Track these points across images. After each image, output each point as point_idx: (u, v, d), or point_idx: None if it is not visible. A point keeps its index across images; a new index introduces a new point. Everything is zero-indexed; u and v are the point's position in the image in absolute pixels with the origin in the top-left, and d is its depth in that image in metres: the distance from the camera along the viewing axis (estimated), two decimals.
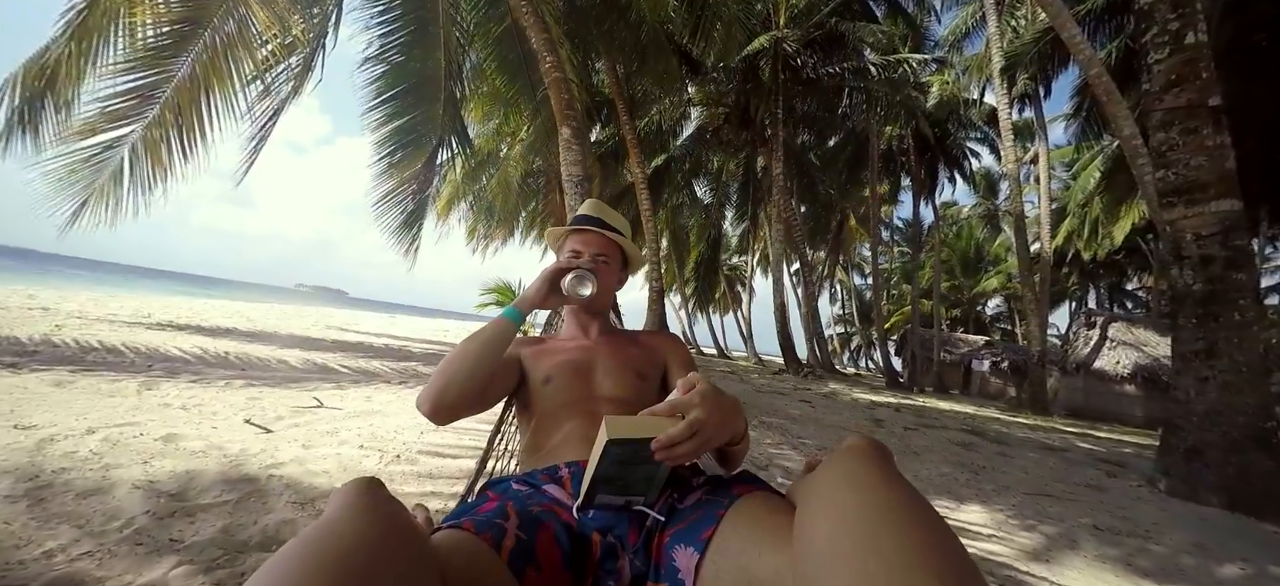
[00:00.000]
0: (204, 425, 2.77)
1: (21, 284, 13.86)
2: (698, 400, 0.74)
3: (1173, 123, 4.30)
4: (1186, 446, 3.92)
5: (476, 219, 20.20)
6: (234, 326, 7.93)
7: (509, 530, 0.72)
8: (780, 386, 9.46)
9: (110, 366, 4.01)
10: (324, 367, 5.17)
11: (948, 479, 3.60)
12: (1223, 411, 3.78)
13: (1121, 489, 3.97)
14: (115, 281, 32.25)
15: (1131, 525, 3.03)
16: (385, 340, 9.72)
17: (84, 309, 7.84)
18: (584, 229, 1.25)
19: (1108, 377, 13.62)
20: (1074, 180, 20.41)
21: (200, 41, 6.20)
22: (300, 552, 0.49)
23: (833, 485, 0.57)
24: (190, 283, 73.21)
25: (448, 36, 7.78)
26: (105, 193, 5.95)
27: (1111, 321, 14.86)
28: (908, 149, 19.50)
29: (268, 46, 6.73)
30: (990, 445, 5.23)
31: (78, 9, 5.67)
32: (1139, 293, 26.88)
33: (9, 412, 2.65)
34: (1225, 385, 3.81)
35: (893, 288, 35.68)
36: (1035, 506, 3.19)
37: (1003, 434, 6.29)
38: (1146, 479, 4.27)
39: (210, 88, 6.29)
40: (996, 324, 34.82)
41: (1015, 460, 4.65)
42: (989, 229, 31.70)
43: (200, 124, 6.33)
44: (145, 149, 6.09)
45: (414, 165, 8.34)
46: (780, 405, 6.28)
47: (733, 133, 17.84)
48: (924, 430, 5.72)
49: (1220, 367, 3.85)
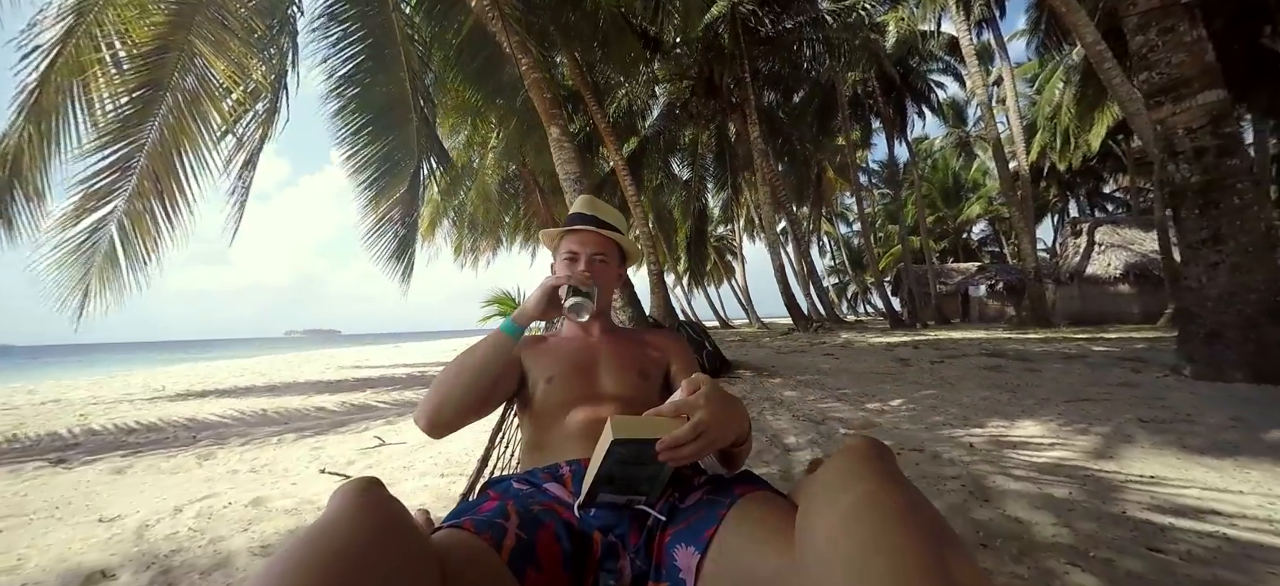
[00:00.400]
0: (283, 483, 2.81)
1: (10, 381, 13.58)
2: (702, 401, 0.75)
3: (1150, 24, 4.43)
4: (1205, 331, 4.11)
5: (461, 234, 20.11)
6: (251, 383, 7.89)
7: (509, 529, 0.72)
8: (797, 345, 9.62)
9: (156, 444, 4.00)
10: (362, 406, 5.20)
11: (990, 401, 3.74)
12: (1235, 292, 3.96)
13: (1150, 382, 4.16)
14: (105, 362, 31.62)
15: (1172, 412, 3.19)
16: (403, 370, 9.72)
17: (95, 394, 7.75)
18: (579, 229, 1.21)
19: (1101, 281, 14.00)
20: (1039, 95, 20.74)
21: (163, 103, 6.09)
22: (300, 552, 0.49)
23: (834, 485, 0.57)
24: (182, 349, 71.91)
25: (407, 53, 7.64)
26: (104, 275, 5.87)
27: (1097, 226, 15.25)
28: (873, 91, 19.67)
29: (231, 97, 6.62)
30: (1015, 363, 5.42)
31: (29, 89, 5.53)
32: (1117, 194, 27.46)
33: (86, 508, 2.65)
34: (1234, 267, 3.99)
35: (879, 230, 36.11)
36: (1080, 411, 3.34)
37: (1021, 351, 6.50)
38: (1171, 368, 4.47)
39: (182, 148, 6.17)
40: (984, 248, 35.43)
41: (1043, 373, 4.83)
42: (964, 156, 32.14)
43: (180, 187, 6.24)
44: (132, 223, 6.00)
45: (397, 190, 8.25)
46: (807, 362, 6.42)
47: (701, 104, 17.87)
48: (949, 361, 5.90)
49: (1227, 251, 4.03)
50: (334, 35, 7.37)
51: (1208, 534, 1.62)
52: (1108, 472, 2.22)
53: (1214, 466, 2.26)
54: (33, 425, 5.14)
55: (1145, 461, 2.37)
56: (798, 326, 14.27)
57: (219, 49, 6.36)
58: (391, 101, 7.80)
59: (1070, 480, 2.13)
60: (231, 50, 6.46)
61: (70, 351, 74.86)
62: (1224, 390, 3.65)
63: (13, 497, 2.81)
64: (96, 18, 5.56)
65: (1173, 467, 2.27)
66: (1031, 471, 2.26)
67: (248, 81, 6.82)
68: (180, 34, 6.06)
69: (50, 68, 5.45)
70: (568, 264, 1.19)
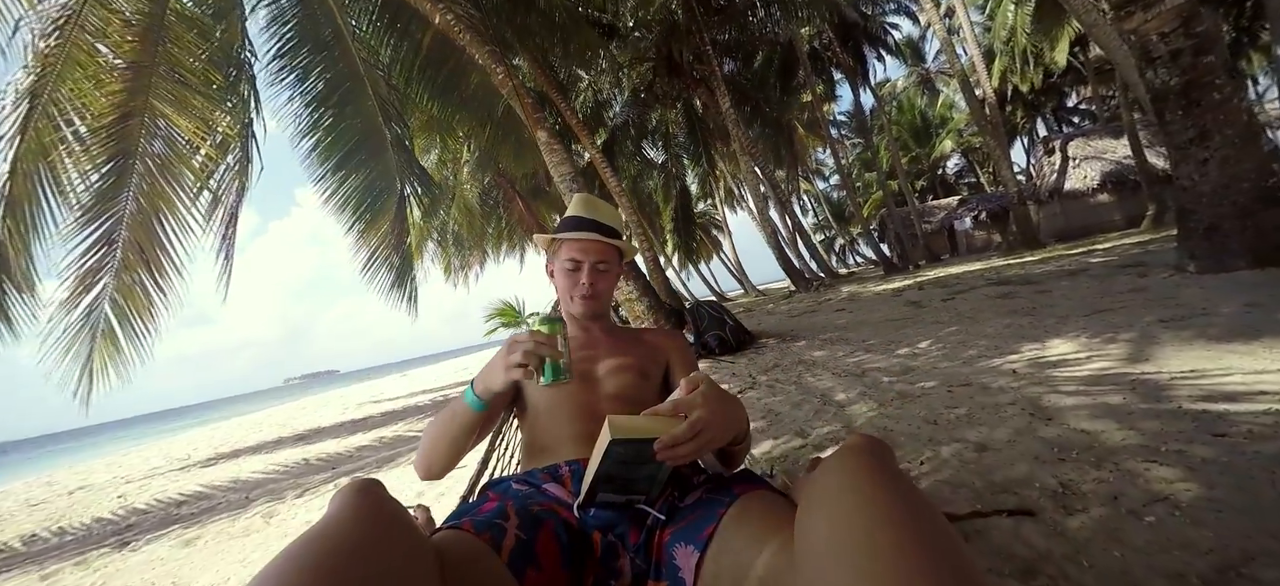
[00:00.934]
0: None
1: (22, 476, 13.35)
2: (700, 400, 0.75)
3: None
4: (1203, 226, 4.29)
5: (448, 253, 20.00)
6: (278, 436, 7.87)
7: (509, 530, 0.72)
8: (805, 306, 9.78)
9: (212, 511, 4.03)
10: (404, 439, 5.25)
11: (1014, 327, 3.89)
12: (1227, 184, 4.14)
13: (1159, 283, 4.34)
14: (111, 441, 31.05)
15: (1187, 309, 3.36)
16: (425, 396, 9.74)
17: (121, 473, 7.68)
18: (580, 237, 1.17)
19: (1081, 195, 14.33)
20: (992, 21, 21.00)
21: (134, 171, 6.02)
22: (300, 553, 0.50)
23: (833, 484, 0.57)
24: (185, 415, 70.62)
25: (371, 80, 7.56)
26: (104, 353, 5.83)
27: (1069, 140, 15.55)
28: (831, 43, 19.78)
29: (201, 153, 6.53)
30: (1023, 287, 5.60)
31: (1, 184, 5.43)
32: (1082, 107, 27.93)
33: (173, 584, 2.70)
34: (1223, 160, 4.16)
35: (857, 180, 36.41)
36: (1102, 322, 3.50)
37: (1024, 276, 6.69)
38: (1175, 267, 4.65)
39: (160, 213, 6.13)
40: (961, 180, 35.93)
41: (1053, 293, 5.00)
42: (927, 93, 32.41)
43: (164, 252, 6.20)
44: (124, 297, 5.96)
45: (386, 219, 8.22)
46: (822, 321, 6.56)
47: (665, 84, 17.85)
48: (959, 297, 6.06)
49: (1214, 146, 4.20)
50: (292, 76, 7.28)
51: (1262, 411, 1.75)
52: (1150, 374, 2.36)
53: (1244, 351, 2.41)
54: (72, 515, 5.12)
55: (1180, 358, 2.51)
56: (798, 288, 14.46)
57: (181, 107, 6.29)
58: (365, 131, 7.72)
59: (1118, 386, 2.27)
60: (194, 105, 6.39)
61: (71, 437, 73.27)
62: (1230, 280, 3.83)
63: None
64: (50, 97, 5.47)
65: (1207, 359, 2.41)
66: (1081, 385, 2.39)
67: (215, 134, 6.74)
68: (139, 99, 5.99)
69: (15, 156, 5.36)
70: (568, 274, 1.17)
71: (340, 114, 7.58)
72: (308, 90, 7.36)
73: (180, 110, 6.28)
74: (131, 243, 6.06)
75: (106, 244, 5.96)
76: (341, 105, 7.54)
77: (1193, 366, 2.34)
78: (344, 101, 7.53)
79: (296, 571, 0.48)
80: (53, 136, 5.55)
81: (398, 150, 7.95)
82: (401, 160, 8.02)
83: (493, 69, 6.76)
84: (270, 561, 0.49)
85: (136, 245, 6.09)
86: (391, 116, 7.94)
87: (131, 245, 6.06)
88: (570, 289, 1.17)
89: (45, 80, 5.45)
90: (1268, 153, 4.12)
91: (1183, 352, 2.58)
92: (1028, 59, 20.52)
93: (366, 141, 7.75)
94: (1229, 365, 2.27)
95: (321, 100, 7.45)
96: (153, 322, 6.22)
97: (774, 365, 4.48)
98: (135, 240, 6.07)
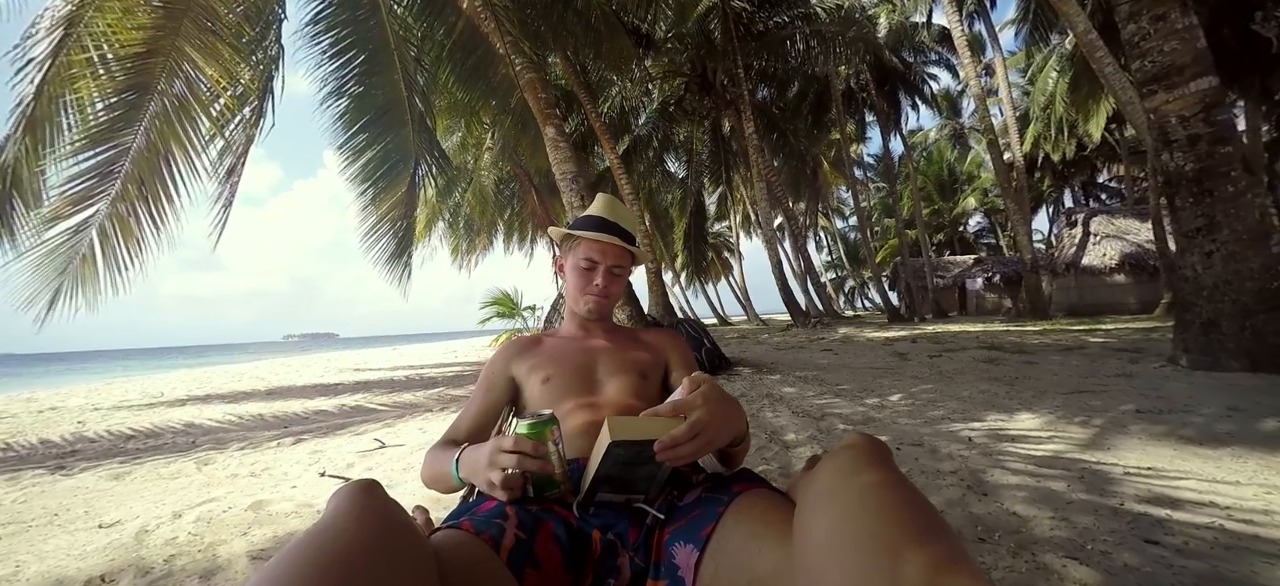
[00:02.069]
0: (282, 486, 2.81)
1: (8, 389, 13.53)
2: (700, 401, 0.75)
3: (1141, 12, 4.45)
4: (1201, 321, 4.13)
5: (457, 235, 20.10)
6: (251, 388, 7.87)
7: (508, 529, 0.72)
8: (795, 341, 9.64)
9: (156, 450, 3.99)
10: (362, 409, 5.19)
11: (989, 394, 3.75)
12: (1230, 280, 3.98)
13: (1148, 372, 4.18)
14: (102, 369, 31.52)
15: (1168, 403, 3.21)
16: (402, 372, 9.69)
17: (93, 400, 7.72)
18: (600, 238, 1.16)
19: (1098, 272, 14.04)
20: (1032, 85, 20.77)
21: (150, 108, 6.08)
22: (301, 554, 0.50)
23: (832, 482, 0.58)
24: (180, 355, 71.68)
25: (402, 56, 7.65)
26: (79, 277, 5.84)
27: (1092, 216, 15.29)
28: (867, 85, 19.66)
29: (220, 102, 6.61)
30: (1012, 357, 5.44)
31: (24, 104, 5.53)
32: (1112, 184, 27.52)
33: (85, 515, 2.65)
34: (1229, 255, 4.00)
35: (875, 224, 36.14)
36: (1077, 403, 3.35)
37: (1018, 344, 6.52)
38: (1167, 359, 4.49)
39: (169, 152, 6.18)
40: (981, 240, 35.50)
41: (1041, 366, 4.85)
42: (958, 148, 32.17)
43: (165, 192, 6.23)
44: (115, 226, 5.98)
45: (396, 192, 8.27)
46: (805, 358, 6.43)
47: (696, 101, 17.87)
48: (947, 355, 5.91)
49: (1222, 239, 4.04)
50: (325, 40, 7.38)
51: (1204, 525, 1.63)
52: (1105, 465, 2.23)
53: (1211, 457, 2.27)
54: (31, 432, 5.12)
55: (1141, 453, 2.38)
56: (796, 322, 14.30)
57: (208, 53, 6.37)
58: (388, 103, 7.80)
59: (1067, 473, 2.14)
60: (221, 55, 6.47)
61: (71, 359, 74.61)
62: (1221, 379, 3.66)
63: (11, 505, 2.81)
64: (86, 27, 5.57)
65: (1169, 459, 2.28)
66: (1029, 464, 2.27)
67: (236, 85, 6.83)
68: (168, 39, 6.06)
69: (44, 79, 5.46)
70: (583, 273, 1.17)
71: (367, 83, 7.66)
72: (339, 55, 7.46)
73: (207, 57, 6.36)
74: (133, 175, 6.10)
75: (107, 172, 6.00)
76: (369, 74, 7.62)
77: (1151, 464, 2.21)
78: (372, 72, 7.62)
79: (297, 572, 0.47)
80: (82, 64, 5.64)
81: (418, 127, 8.02)
82: (420, 137, 8.08)
83: (512, 60, 6.77)
84: (268, 563, 0.49)
85: (138, 178, 6.12)
86: (416, 93, 8.02)
87: (133, 178, 6.10)
88: (583, 287, 1.18)
89: (83, 9, 5.56)
90: (1276, 254, 3.95)
91: (1147, 447, 2.45)
92: (1063, 128, 20.26)
93: (388, 113, 7.82)
94: (1189, 469, 2.14)
95: (351, 67, 7.54)
96: (139, 257, 6.23)
97: (740, 395, 4.37)
98: (138, 173, 6.11)
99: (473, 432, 1.13)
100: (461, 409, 1.22)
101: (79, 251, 5.79)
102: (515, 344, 1.23)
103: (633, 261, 1.23)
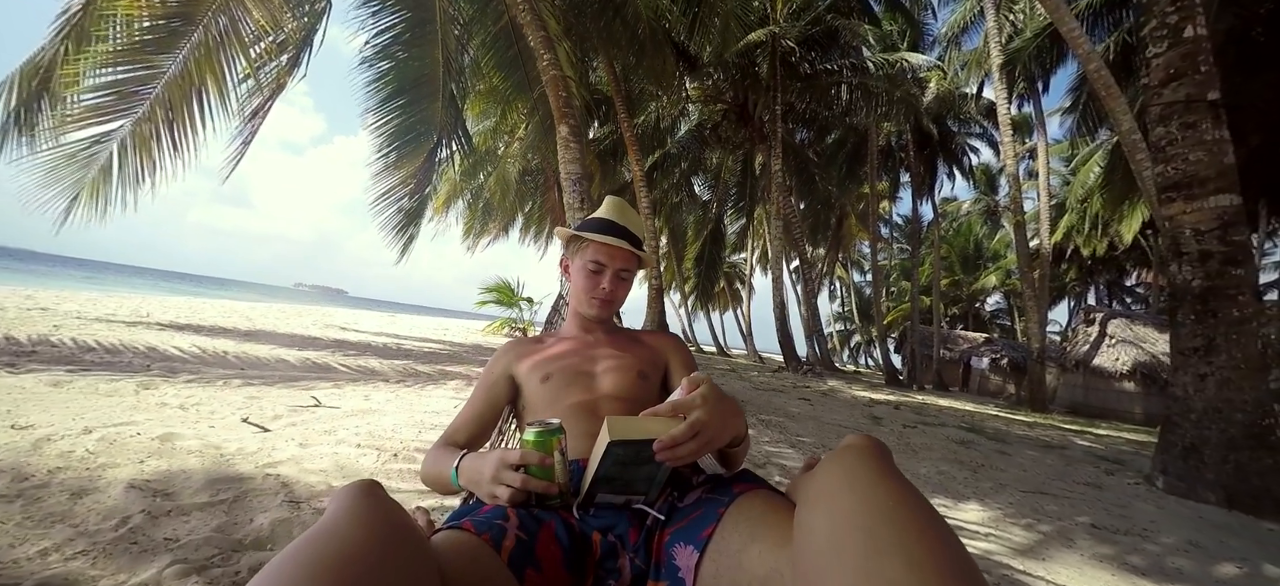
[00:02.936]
0: (201, 424, 2.77)
1: (19, 284, 13.86)
2: (700, 401, 0.75)
3: (1171, 117, 4.29)
4: (1184, 444, 3.93)
5: (473, 217, 20.22)
6: (233, 326, 7.93)
7: (509, 530, 0.72)
8: (779, 384, 9.46)
9: (108, 366, 4.00)
10: (323, 366, 5.17)
11: (946, 477, 3.60)
12: (1221, 408, 3.78)
13: (1119, 486, 3.98)
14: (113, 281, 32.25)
15: (1128, 523, 3.03)
16: (384, 339, 9.71)
17: (83, 309, 7.84)
18: (610, 242, 1.15)
19: (1107, 374, 13.62)
20: (1073, 175, 20.41)
21: (192, 38, 6.21)
22: (301, 555, 0.49)
23: (833, 483, 0.57)
24: (189, 282, 73.12)
25: (445, 34, 7.78)
26: (96, 188, 5.94)
27: (1111, 318, 14.86)
28: (907, 145, 19.46)
29: (260, 44, 6.75)
30: (988, 443, 5.24)
31: (71, 12, 5.67)
32: (1138, 288, 26.89)
33: (6, 413, 2.64)
34: (1223, 382, 3.81)
35: (892, 284, 35.69)
36: (1032, 504, 3.19)
37: (1001, 431, 6.30)
38: (1144, 477, 4.28)
39: (203, 84, 6.30)
40: (996, 320, 34.84)
41: (1013, 458, 4.65)
42: (989, 225, 31.69)
43: (191, 120, 6.35)
44: (135, 144, 6.09)
45: (414, 163, 8.35)
46: (779, 403, 6.28)
47: (732, 129, 17.85)
48: (923, 428, 5.72)
49: (1218, 364, 3.85)
50: (376, 3, 7.53)
51: None
52: (1030, 576, 2.09)
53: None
54: (3, 327, 5.18)
55: (1077, 572, 2.23)
56: (788, 366, 14.09)
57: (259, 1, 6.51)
58: (423, 76, 7.94)
59: (988, 577, 2.01)
60: (272, 2, 6.64)
61: (81, 265, 76.41)
62: (1192, 509, 3.47)
63: None
64: None
65: (1104, 584, 2.13)
66: None
67: (278, 33, 6.98)
68: None
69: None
70: (590, 275, 1.17)
71: (408, 54, 7.81)
72: (387, 20, 7.61)
73: (258, 2, 6.51)
74: (162, 99, 6.23)
75: (136, 93, 6.12)
76: (411, 45, 7.77)
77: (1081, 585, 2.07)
78: (414, 43, 7.76)
79: (297, 574, 0.47)
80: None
81: (448, 105, 8.12)
82: (448, 116, 8.18)
83: (541, 54, 6.79)
84: (270, 562, 0.48)
85: (168, 102, 6.26)
86: (453, 72, 8.14)
87: (162, 101, 6.23)
88: (589, 289, 1.18)
89: None
90: (1272, 390, 3.75)
91: (1085, 568, 2.30)
92: (1098, 224, 19.82)
93: (420, 85, 7.95)
94: None
95: (395, 35, 7.70)
96: (152, 178, 6.34)
97: None
98: (169, 97, 6.25)
99: (472, 432, 1.14)
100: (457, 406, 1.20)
101: (98, 162, 5.90)
102: (515, 344, 1.23)
103: (639, 265, 1.24)
